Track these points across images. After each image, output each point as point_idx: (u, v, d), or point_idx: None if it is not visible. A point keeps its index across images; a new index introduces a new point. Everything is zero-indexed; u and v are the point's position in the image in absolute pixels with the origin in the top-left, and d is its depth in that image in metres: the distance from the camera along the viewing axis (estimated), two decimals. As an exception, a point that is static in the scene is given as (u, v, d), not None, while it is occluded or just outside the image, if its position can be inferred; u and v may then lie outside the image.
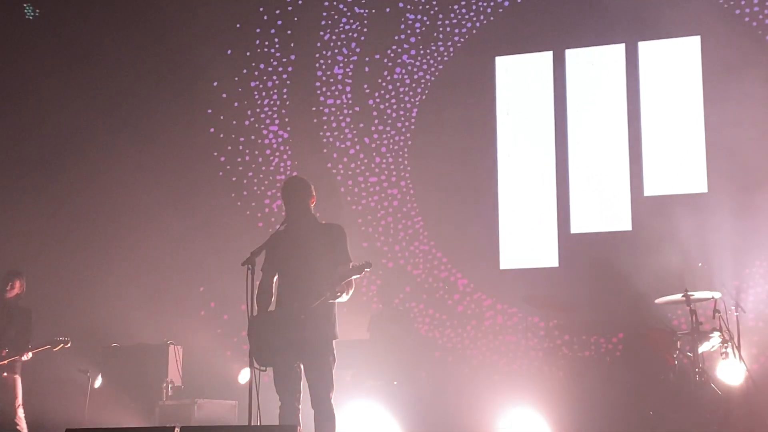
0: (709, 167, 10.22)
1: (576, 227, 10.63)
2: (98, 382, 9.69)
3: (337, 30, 11.62)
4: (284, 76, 11.73)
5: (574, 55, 10.92)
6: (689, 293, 8.56)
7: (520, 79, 11.07)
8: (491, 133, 11.02)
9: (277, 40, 11.79)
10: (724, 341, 8.50)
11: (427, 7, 11.38)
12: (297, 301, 6.37)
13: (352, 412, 8.66)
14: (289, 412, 6.40)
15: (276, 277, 6.63)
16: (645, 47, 10.69)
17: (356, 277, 6.35)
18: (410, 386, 9.21)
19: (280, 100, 11.70)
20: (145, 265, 11.12)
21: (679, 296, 8.64)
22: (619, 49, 10.76)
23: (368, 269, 6.28)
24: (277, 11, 11.82)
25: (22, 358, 8.72)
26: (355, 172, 11.36)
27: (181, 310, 10.91)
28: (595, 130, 10.74)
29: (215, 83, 11.70)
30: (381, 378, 9.27)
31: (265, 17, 11.83)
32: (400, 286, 10.65)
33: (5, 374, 8.71)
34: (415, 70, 11.36)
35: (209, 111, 11.73)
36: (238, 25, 11.84)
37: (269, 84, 11.73)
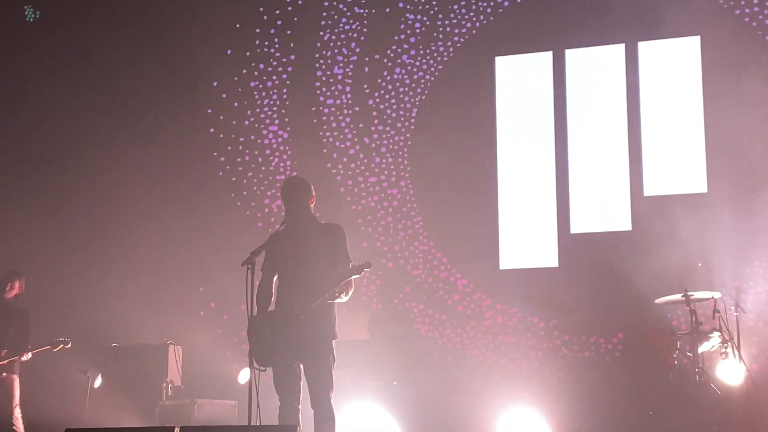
0: (709, 167, 10.22)
1: (576, 227, 10.63)
2: (98, 382, 9.68)
3: (336, 30, 11.61)
4: (284, 76, 11.73)
5: (574, 55, 10.92)
6: (689, 293, 8.56)
7: (519, 79, 11.06)
8: (491, 133, 11.02)
9: (276, 40, 11.79)
10: (724, 341, 8.49)
11: (427, 7, 11.37)
12: (297, 301, 6.37)
13: (352, 412, 8.66)
14: (289, 412, 6.40)
15: (276, 277, 6.63)
16: (645, 47, 10.68)
17: (356, 277, 6.36)
18: (410, 386, 9.21)
19: (280, 100, 11.70)
20: (145, 265, 11.12)
21: (678, 296, 8.63)
22: (618, 49, 10.76)
23: (368, 269, 6.29)
24: (277, 11, 11.82)
25: (22, 358, 8.73)
26: (355, 172, 11.35)
27: (181, 310, 10.91)
28: (594, 130, 10.74)
29: (215, 83, 11.70)
30: (381, 378, 9.27)
31: (265, 17, 11.82)
32: (400, 286, 10.65)
33: (4, 374, 8.71)
34: (415, 70, 11.36)
35: (209, 111, 11.73)
36: (237, 25, 11.84)
37: (269, 84, 11.73)
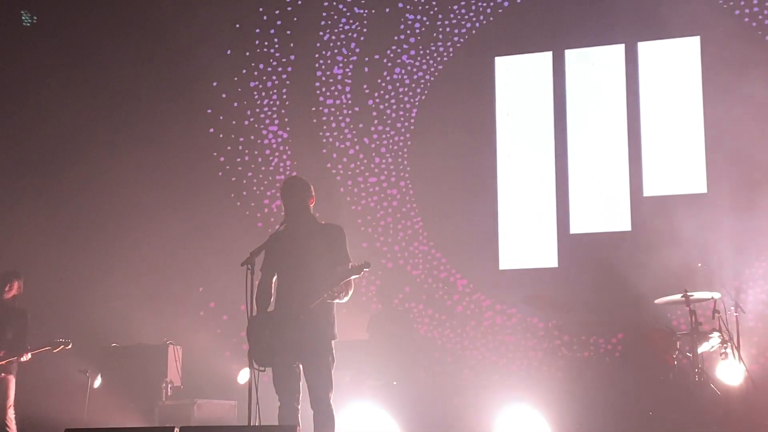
0: (709, 167, 10.22)
1: (575, 227, 10.63)
2: (98, 382, 9.68)
3: (336, 30, 11.61)
4: (284, 76, 11.72)
5: (573, 55, 10.92)
6: (689, 294, 8.55)
7: (519, 79, 11.06)
8: (491, 134, 11.02)
9: (276, 40, 11.79)
10: (724, 342, 8.49)
11: (427, 7, 11.37)
12: (296, 301, 6.36)
13: (352, 412, 8.66)
14: (289, 412, 6.39)
15: (275, 278, 6.63)
16: (645, 47, 10.68)
17: (355, 278, 6.34)
18: (409, 386, 9.21)
19: (280, 100, 11.69)
20: (145, 265, 11.11)
21: (678, 297, 8.63)
22: (618, 50, 10.76)
23: (367, 269, 6.28)
24: (277, 11, 11.81)
25: (22, 359, 8.70)
26: (355, 172, 11.35)
27: (181, 310, 10.90)
28: (594, 131, 10.74)
29: (215, 83, 11.70)
30: (380, 378, 9.27)
31: (265, 17, 11.82)
32: (400, 287, 10.65)
33: (2, 375, 8.69)
34: (415, 70, 11.36)
35: (209, 111, 11.72)
36: (237, 26, 11.83)
37: (269, 84, 11.73)
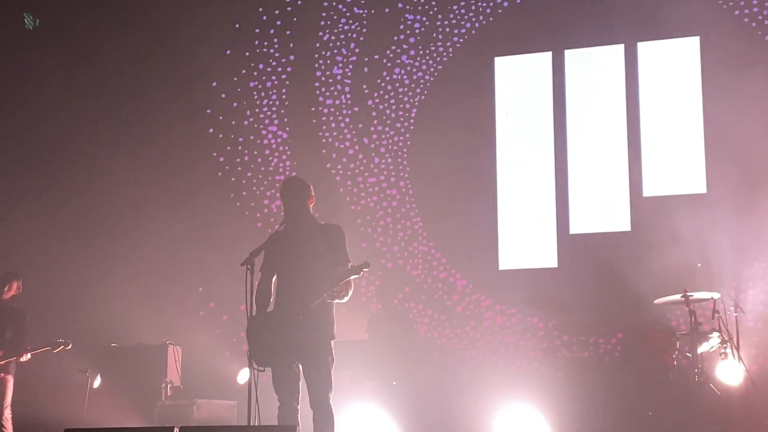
0: (709, 168, 10.22)
1: (575, 228, 10.63)
2: (97, 382, 9.68)
3: (336, 30, 11.61)
4: (283, 76, 11.72)
5: (573, 55, 10.92)
6: (688, 294, 8.54)
7: (519, 79, 11.06)
8: (490, 134, 11.02)
9: (276, 40, 11.79)
10: (723, 342, 8.49)
11: (426, 7, 11.37)
12: (295, 301, 6.36)
13: (351, 412, 8.66)
14: (288, 412, 6.39)
15: (275, 278, 6.63)
16: (644, 48, 10.69)
17: (355, 277, 6.34)
18: (409, 387, 9.20)
19: (279, 100, 11.69)
20: (145, 266, 11.11)
21: (678, 297, 8.62)
22: (618, 50, 10.76)
23: (366, 269, 6.27)
24: (276, 11, 11.81)
25: (21, 359, 8.71)
26: (354, 172, 11.35)
27: (181, 310, 10.90)
28: (594, 131, 10.74)
29: (214, 83, 11.70)
30: (380, 378, 9.27)
31: (264, 17, 11.82)
32: (399, 287, 10.65)
33: (0, 375, 8.69)
34: (415, 70, 11.36)
35: (208, 111, 11.72)
36: (237, 26, 11.83)
37: (268, 84, 11.73)
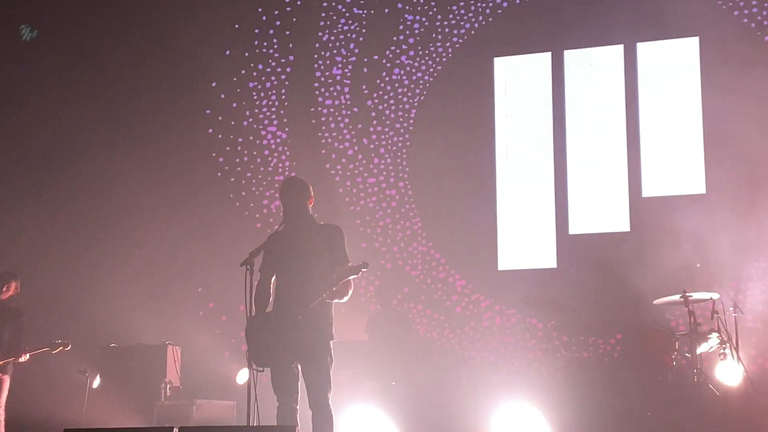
0: (708, 168, 10.22)
1: (574, 228, 10.63)
2: (96, 382, 9.68)
3: (335, 31, 11.62)
4: (283, 76, 11.73)
5: (572, 56, 10.92)
6: (687, 294, 8.55)
7: (518, 79, 11.06)
8: (490, 134, 11.02)
9: (275, 40, 11.79)
10: (723, 342, 8.49)
11: (426, 7, 11.37)
12: (295, 301, 6.36)
13: (351, 412, 8.66)
14: (287, 412, 6.39)
15: (274, 278, 6.63)
16: (643, 48, 10.69)
17: (353, 277, 6.34)
18: (408, 387, 9.21)
19: (279, 100, 11.69)
20: (144, 266, 11.11)
21: (677, 297, 8.62)
22: (617, 50, 10.76)
23: (365, 269, 6.27)
24: (276, 12, 11.81)
25: (20, 359, 8.70)
26: (354, 172, 11.36)
27: (180, 310, 10.90)
28: (593, 131, 10.74)
29: (214, 84, 11.70)
30: (379, 379, 9.27)
31: (264, 18, 11.82)
32: (399, 287, 10.65)
33: None
34: (414, 70, 11.36)
35: (208, 111, 11.72)
36: (236, 26, 11.84)
37: (268, 85, 11.73)
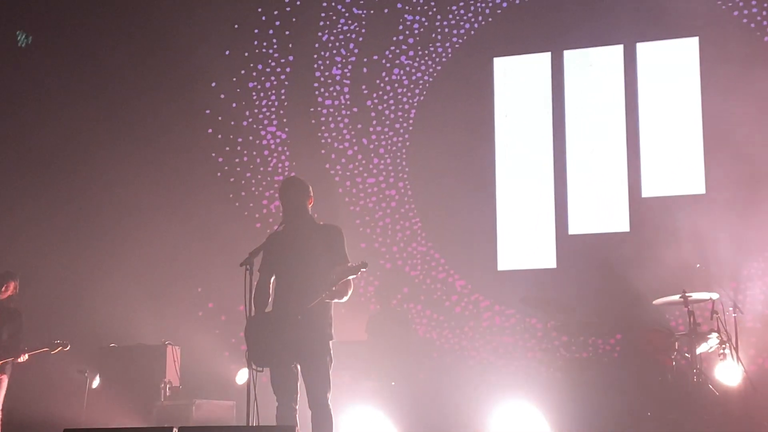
0: (707, 168, 10.22)
1: (574, 228, 10.63)
2: (96, 382, 9.68)
3: (335, 31, 11.61)
4: (282, 76, 11.72)
5: (572, 56, 10.92)
6: (687, 294, 8.55)
7: (518, 80, 11.07)
8: (489, 134, 11.02)
9: (275, 40, 11.79)
10: (722, 342, 8.49)
11: (426, 8, 11.37)
12: (294, 301, 6.36)
13: (350, 412, 8.66)
14: (287, 412, 6.39)
15: (273, 278, 6.63)
16: (643, 48, 10.69)
17: (352, 277, 6.34)
18: (408, 387, 9.21)
19: (279, 100, 11.69)
20: (144, 266, 11.10)
21: (676, 297, 8.63)
22: (617, 50, 10.76)
23: (364, 269, 6.26)
24: (275, 12, 11.81)
25: (18, 359, 8.70)
26: (353, 173, 11.36)
27: (179, 310, 10.90)
28: (593, 132, 10.74)
29: (213, 84, 11.70)
30: (379, 379, 9.26)
31: (263, 18, 11.82)
32: (398, 287, 10.65)
33: None
34: (413, 71, 11.36)
35: (207, 111, 11.72)
36: (236, 26, 11.83)
37: (267, 85, 11.73)
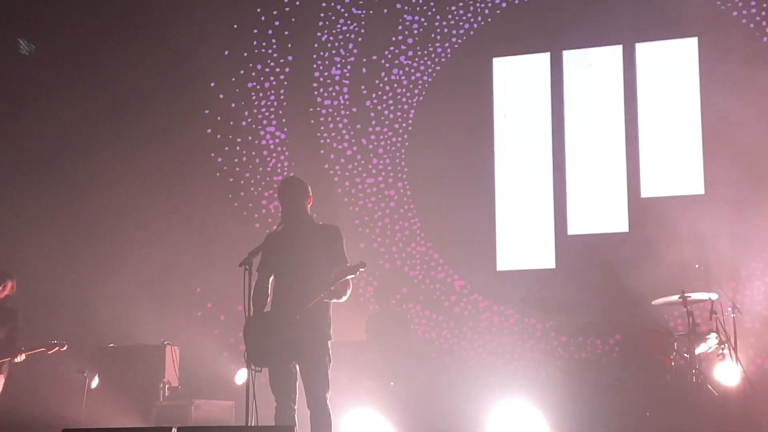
0: (706, 169, 10.23)
1: (573, 229, 10.63)
2: (95, 382, 9.67)
3: (334, 31, 11.61)
4: (281, 77, 11.73)
5: (571, 56, 10.92)
6: (686, 294, 8.55)
7: (517, 80, 11.07)
8: (488, 134, 11.02)
9: (274, 41, 11.79)
10: (721, 343, 8.49)
11: (425, 8, 11.37)
12: (293, 301, 6.36)
13: (349, 413, 8.66)
14: (285, 412, 6.39)
15: (272, 278, 6.63)
16: (642, 48, 10.69)
17: (351, 277, 6.34)
18: (407, 387, 9.21)
19: (278, 101, 11.69)
20: (143, 266, 11.09)
21: (675, 297, 8.63)
22: (616, 51, 10.76)
23: (363, 269, 6.27)
24: (275, 12, 11.81)
25: (15, 359, 8.70)
26: (353, 173, 11.36)
27: (178, 310, 10.89)
28: (592, 132, 10.74)
29: (212, 84, 11.70)
30: (378, 379, 9.27)
31: (263, 18, 11.82)
32: (397, 288, 10.65)
33: None
34: (413, 71, 11.36)
35: (206, 112, 11.72)
36: (235, 26, 11.83)
37: (266, 85, 11.73)
